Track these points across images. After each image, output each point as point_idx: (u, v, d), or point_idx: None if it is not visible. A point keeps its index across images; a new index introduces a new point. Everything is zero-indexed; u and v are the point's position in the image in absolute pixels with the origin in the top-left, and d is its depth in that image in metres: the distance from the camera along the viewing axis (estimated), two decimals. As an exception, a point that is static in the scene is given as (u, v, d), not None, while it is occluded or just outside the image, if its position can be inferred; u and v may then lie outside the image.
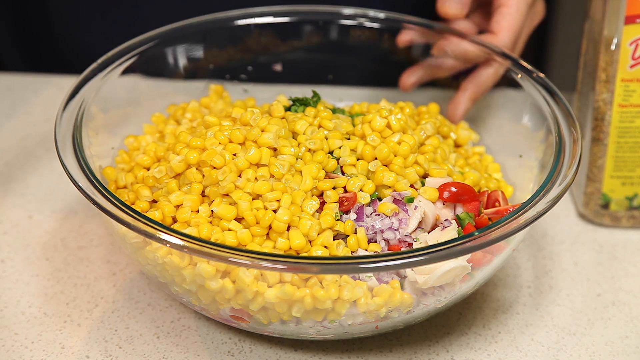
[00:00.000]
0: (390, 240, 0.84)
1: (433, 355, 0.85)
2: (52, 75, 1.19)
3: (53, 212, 0.99)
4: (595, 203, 0.98)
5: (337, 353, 0.85)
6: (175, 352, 0.85)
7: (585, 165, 0.97)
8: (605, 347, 0.87)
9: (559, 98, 0.91)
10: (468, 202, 0.85)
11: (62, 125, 0.86)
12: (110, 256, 0.94)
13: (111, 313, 0.88)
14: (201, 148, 0.84)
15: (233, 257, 0.74)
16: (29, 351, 0.85)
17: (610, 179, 0.96)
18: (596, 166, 0.96)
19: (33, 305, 0.89)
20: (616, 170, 0.96)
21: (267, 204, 0.81)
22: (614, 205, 0.98)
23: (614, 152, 0.95)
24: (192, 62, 1.01)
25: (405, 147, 0.86)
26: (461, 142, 0.96)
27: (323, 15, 1.03)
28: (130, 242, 0.81)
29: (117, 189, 0.88)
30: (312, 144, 0.85)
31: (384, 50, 1.03)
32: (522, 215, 0.79)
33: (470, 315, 0.89)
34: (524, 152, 0.94)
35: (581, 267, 0.95)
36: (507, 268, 0.94)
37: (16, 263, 0.93)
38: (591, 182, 0.97)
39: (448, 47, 0.98)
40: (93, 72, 0.92)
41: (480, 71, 0.98)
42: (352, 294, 0.78)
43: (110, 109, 0.94)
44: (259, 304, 0.78)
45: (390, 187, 0.85)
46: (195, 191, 0.83)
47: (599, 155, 0.96)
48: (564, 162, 0.84)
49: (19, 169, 1.05)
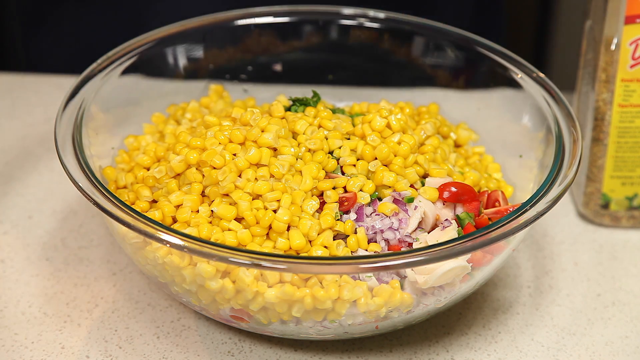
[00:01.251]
0: (390, 240, 0.84)
1: (433, 355, 0.85)
2: (52, 75, 1.19)
3: (53, 212, 0.99)
4: (595, 203, 0.98)
5: (337, 353, 0.85)
6: (175, 352, 0.85)
7: (585, 166, 0.97)
8: (605, 347, 0.87)
9: (559, 98, 0.91)
10: (468, 202, 0.85)
11: (62, 125, 0.86)
12: (110, 256, 0.94)
13: (111, 313, 0.88)
14: (201, 148, 0.84)
15: (233, 257, 0.74)
16: (29, 351, 0.85)
17: (610, 179, 0.96)
18: (596, 166, 0.96)
19: (33, 305, 0.89)
20: (616, 170, 0.96)
21: (267, 204, 0.81)
22: (614, 205, 0.98)
23: (614, 152, 0.95)
24: (192, 62, 1.01)
25: (405, 147, 0.86)
26: (461, 142, 0.96)
27: (323, 15, 1.03)
28: (130, 242, 0.81)
29: (117, 189, 0.88)
30: (312, 144, 0.85)
31: (384, 50, 1.03)
32: (522, 215, 0.79)
33: (470, 315, 0.89)
34: (524, 152, 0.94)
35: (581, 267, 0.95)
36: (507, 268, 0.94)
37: (16, 263, 0.93)
38: (591, 182, 0.97)
39: None
40: (93, 72, 0.92)
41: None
42: (352, 294, 0.78)
43: (110, 109, 0.94)
44: (259, 304, 0.78)
45: (390, 187, 0.85)
46: (195, 191, 0.83)
47: (599, 155, 0.96)
48: (564, 162, 0.84)
49: (19, 169, 1.05)
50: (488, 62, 0.98)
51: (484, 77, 0.99)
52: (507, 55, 0.96)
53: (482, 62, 0.98)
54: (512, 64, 0.96)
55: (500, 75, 0.97)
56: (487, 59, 0.98)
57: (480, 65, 0.99)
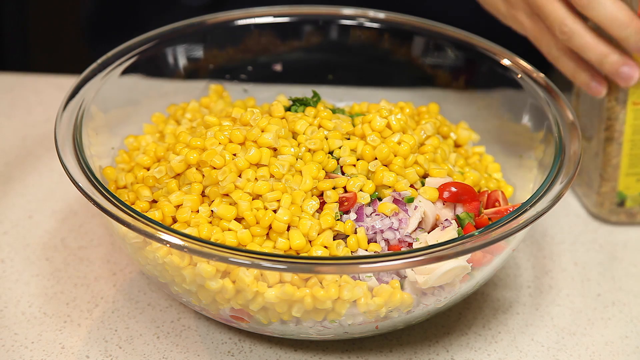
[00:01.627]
0: (390, 240, 0.84)
1: (433, 355, 0.85)
2: (52, 75, 1.18)
3: (53, 212, 0.99)
4: (610, 202, 0.98)
5: (337, 353, 0.85)
6: (175, 352, 0.85)
7: (598, 166, 0.97)
8: (605, 347, 0.87)
9: (559, 98, 0.91)
10: (468, 202, 0.85)
11: (62, 125, 0.86)
12: (110, 256, 0.94)
13: (111, 313, 0.88)
14: (201, 148, 0.84)
15: (233, 257, 0.74)
16: (29, 351, 0.85)
17: (626, 177, 0.97)
18: (611, 165, 0.96)
19: (33, 305, 0.89)
20: (631, 168, 0.96)
21: (267, 204, 0.81)
22: (629, 202, 0.98)
23: (629, 150, 0.95)
24: (192, 62, 1.01)
25: (405, 147, 0.86)
26: (461, 142, 0.96)
27: (323, 16, 1.03)
28: (130, 242, 0.81)
29: (117, 189, 0.88)
30: (312, 144, 0.85)
31: (384, 50, 1.03)
32: (522, 215, 0.79)
33: (470, 315, 0.89)
34: (524, 152, 0.94)
35: (581, 267, 0.95)
36: (507, 268, 0.94)
37: (16, 263, 0.93)
38: (606, 181, 0.97)
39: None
40: (93, 72, 0.92)
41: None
42: (352, 294, 0.78)
43: (110, 109, 0.94)
44: (259, 304, 0.78)
45: (390, 187, 0.85)
46: (195, 191, 0.83)
47: (614, 155, 0.96)
48: (564, 162, 0.84)
49: (19, 169, 1.05)
50: (488, 62, 0.98)
51: (484, 77, 0.99)
52: (507, 55, 0.96)
53: (482, 62, 0.98)
54: (512, 64, 0.96)
55: (500, 75, 0.97)
56: (487, 59, 0.98)
57: (480, 65, 0.99)
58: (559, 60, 0.93)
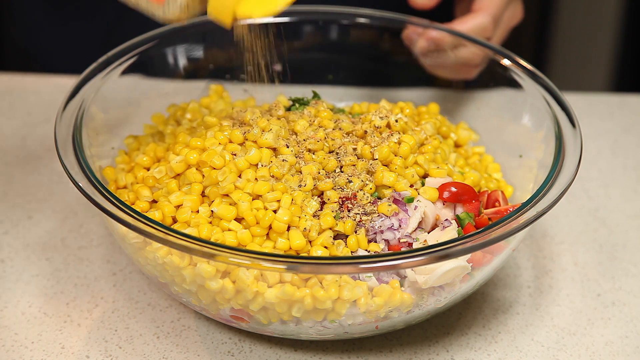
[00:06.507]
0: (390, 241, 0.84)
1: (433, 355, 0.85)
2: (52, 75, 1.19)
3: (53, 212, 0.99)
4: None
5: (337, 353, 0.85)
6: (175, 352, 0.85)
7: None
8: (605, 347, 0.87)
9: (559, 98, 0.91)
10: (468, 202, 0.85)
11: (62, 125, 0.86)
12: (110, 256, 0.94)
13: (111, 313, 0.88)
14: (201, 148, 0.84)
15: (233, 257, 0.74)
16: (29, 351, 0.85)
17: None
18: None
19: (33, 305, 0.89)
20: None
21: (267, 204, 0.81)
22: None
23: None
24: (192, 62, 1.01)
25: (405, 147, 0.86)
26: (461, 142, 0.96)
27: (323, 15, 1.03)
28: (130, 242, 0.81)
29: (117, 189, 0.88)
30: (312, 144, 0.85)
31: (384, 50, 1.03)
32: (522, 215, 0.79)
33: (470, 315, 0.89)
34: (524, 152, 0.94)
35: (581, 267, 0.95)
36: (507, 268, 0.94)
37: (16, 263, 0.93)
38: None
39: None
40: (93, 72, 0.92)
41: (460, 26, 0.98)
42: (352, 294, 0.78)
43: (110, 109, 0.94)
44: (259, 304, 0.78)
45: (390, 187, 0.85)
46: (195, 191, 0.83)
47: None
48: (564, 162, 0.84)
49: (19, 169, 1.05)
50: (488, 62, 0.98)
51: (484, 77, 1.00)
52: (507, 55, 0.96)
53: (482, 62, 0.98)
54: (512, 64, 0.96)
55: (500, 75, 0.97)
56: (487, 59, 0.98)
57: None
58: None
